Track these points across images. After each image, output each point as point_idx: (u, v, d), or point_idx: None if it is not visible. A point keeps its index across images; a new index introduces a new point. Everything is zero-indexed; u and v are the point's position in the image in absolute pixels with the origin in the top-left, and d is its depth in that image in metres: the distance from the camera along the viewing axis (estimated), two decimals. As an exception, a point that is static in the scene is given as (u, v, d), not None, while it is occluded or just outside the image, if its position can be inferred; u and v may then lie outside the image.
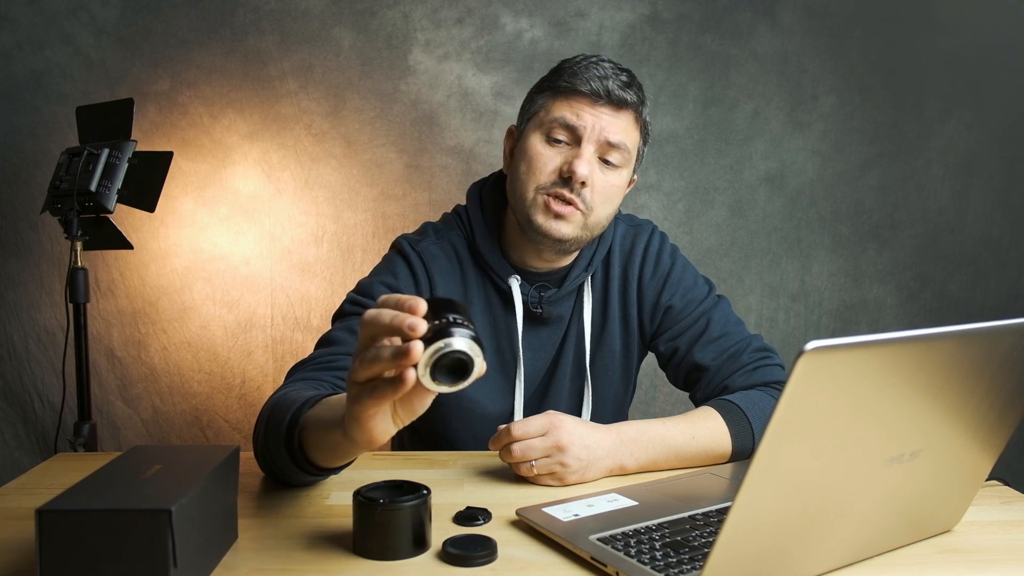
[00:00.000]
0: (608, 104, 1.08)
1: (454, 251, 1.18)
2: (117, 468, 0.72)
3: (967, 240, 2.12)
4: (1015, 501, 0.93)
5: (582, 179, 1.06)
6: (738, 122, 2.06)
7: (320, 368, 1.01)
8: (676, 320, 1.19)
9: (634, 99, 1.09)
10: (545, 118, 1.10)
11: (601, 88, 1.07)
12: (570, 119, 1.08)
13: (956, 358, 0.64)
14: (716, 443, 1.02)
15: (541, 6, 2.00)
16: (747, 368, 1.13)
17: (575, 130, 1.08)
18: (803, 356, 0.53)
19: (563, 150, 1.09)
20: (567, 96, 1.09)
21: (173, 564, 0.61)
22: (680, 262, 1.24)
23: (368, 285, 1.13)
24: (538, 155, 1.09)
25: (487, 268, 1.16)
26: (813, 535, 0.67)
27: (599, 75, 1.08)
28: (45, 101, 1.95)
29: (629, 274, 1.21)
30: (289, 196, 2.00)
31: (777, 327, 2.11)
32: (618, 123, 1.08)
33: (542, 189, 1.09)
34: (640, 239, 1.23)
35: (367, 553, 0.75)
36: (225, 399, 2.03)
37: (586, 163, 1.06)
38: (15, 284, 1.99)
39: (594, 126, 1.07)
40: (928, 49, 2.07)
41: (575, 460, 0.93)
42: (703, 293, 1.21)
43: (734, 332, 1.18)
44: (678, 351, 1.19)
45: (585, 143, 1.07)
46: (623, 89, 1.08)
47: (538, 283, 1.18)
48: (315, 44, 1.98)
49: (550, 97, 1.11)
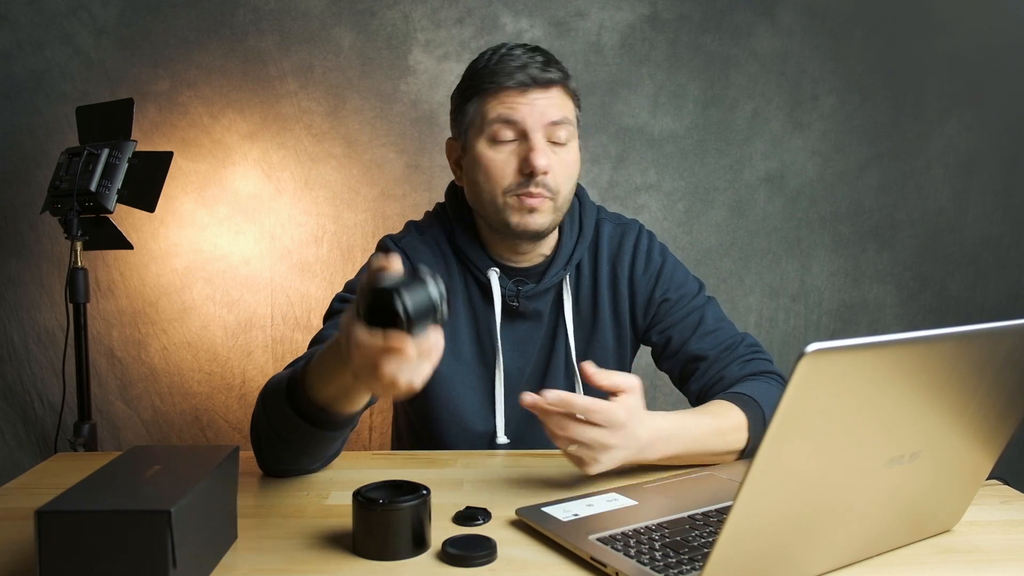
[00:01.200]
0: (536, 88, 1.09)
1: (437, 245, 1.20)
2: (117, 468, 0.72)
3: (967, 240, 2.12)
4: (1015, 501, 0.93)
5: (543, 170, 1.08)
6: (738, 122, 2.06)
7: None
8: (670, 312, 1.21)
9: (558, 74, 1.11)
10: (484, 123, 1.11)
11: (525, 76, 1.08)
12: (508, 115, 1.09)
13: (956, 359, 0.64)
14: (737, 438, 1.02)
15: (541, 6, 2.00)
16: (743, 358, 1.15)
17: (517, 124, 1.09)
18: (804, 358, 0.53)
19: (513, 148, 1.10)
20: (496, 94, 1.10)
21: (173, 564, 0.61)
22: (670, 259, 1.26)
23: (354, 283, 1.16)
24: (491, 161, 1.10)
25: (467, 261, 1.19)
26: (813, 535, 0.67)
27: (517, 65, 1.09)
28: (45, 101, 1.95)
29: (619, 271, 1.23)
30: (289, 196, 2.00)
31: (777, 327, 2.11)
32: (552, 101, 1.10)
33: (508, 192, 1.10)
34: (628, 237, 1.25)
35: (367, 553, 0.75)
36: (225, 399, 2.03)
37: (542, 154, 1.08)
38: (15, 284, 1.99)
39: (532, 113, 1.09)
40: (928, 49, 2.06)
41: (610, 459, 0.90)
42: (695, 289, 1.24)
43: (727, 328, 1.21)
44: (672, 341, 1.20)
45: (531, 133, 1.09)
46: (544, 69, 1.09)
47: (516, 277, 1.19)
48: (315, 44, 1.97)
49: (479, 101, 1.12)
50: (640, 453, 0.94)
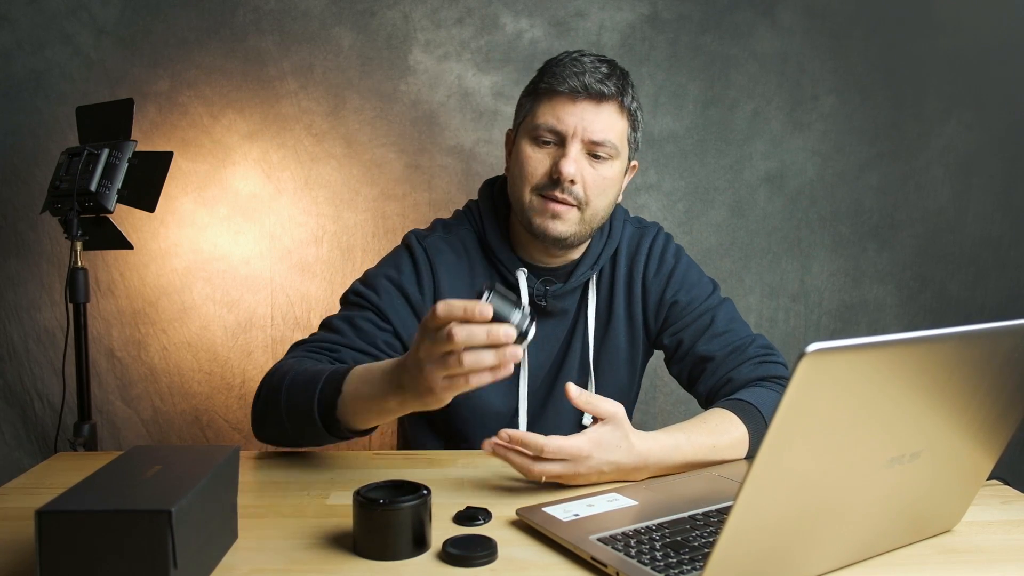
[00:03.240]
0: (588, 99, 1.10)
1: (462, 245, 1.21)
2: (117, 468, 0.72)
3: (967, 240, 2.12)
4: (1015, 501, 0.93)
5: (569, 178, 1.09)
6: (738, 122, 2.06)
7: (321, 351, 1.08)
8: (681, 315, 1.21)
9: (613, 90, 1.11)
10: (531, 123, 1.14)
11: (579, 84, 1.09)
12: (552, 123, 1.11)
13: (957, 359, 0.64)
14: (734, 450, 1.02)
15: (541, 6, 2.00)
16: (753, 361, 1.15)
17: (559, 133, 1.11)
18: (804, 358, 0.53)
19: (551, 151, 1.12)
20: (549, 98, 1.12)
21: (173, 565, 0.61)
22: (684, 260, 1.26)
23: (374, 277, 1.18)
24: (528, 158, 1.13)
25: (496, 261, 1.20)
26: (814, 535, 0.67)
27: (577, 71, 1.10)
28: (45, 101, 1.95)
29: (634, 272, 1.24)
30: (289, 196, 2.00)
31: (777, 327, 2.11)
32: (601, 116, 1.11)
33: (536, 191, 1.12)
34: (645, 239, 1.26)
35: (367, 553, 0.75)
36: (225, 399, 2.03)
37: (571, 162, 1.09)
38: (15, 284, 1.99)
39: (576, 126, 1.10)
40: (928, 49, 2.06)
41: (586, 481, 0.93)
42: (707, 291, 1.24)
43: (739, 329, 1.20)
44: (682, 343, 1.20)
45: (570, 143, 1.10)
46: (602, 82, 1.10)
47: (544, 277, 1.20)
48: (315, 44, 1.97)
49: (534, 101, 1.15)
50: (624, 476, 0.94)
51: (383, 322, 1.12)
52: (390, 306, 1.13)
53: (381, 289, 1.15)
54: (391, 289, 1.15)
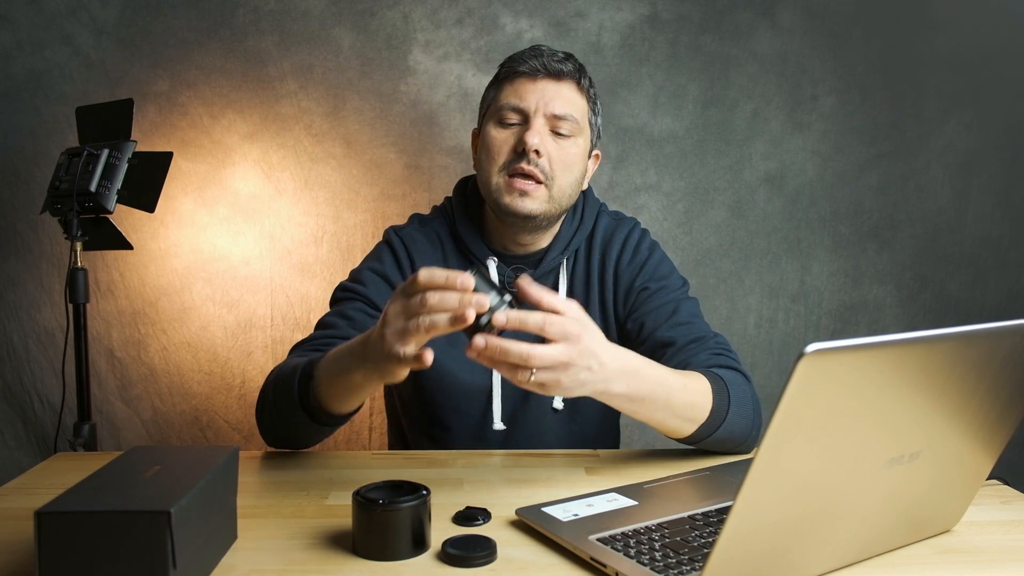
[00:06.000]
0: (547, 77, 1.17)
1: (437, 237, 1.27)
2: (117, 469, 0.72)
3: (967, 240, 2.12)
4: (1015, 501, 0.93)
5: (534, 148, 1.13)
6: (738, 122, 2.06)
7: (318, 348, 1.11)
8: (646, 300, 1.23)
9: (571, 69, 1.18)
10: (495, 106, 1.19)
11: (539, 64, 1.16)
12: (515, 101, 1.17)
13: (956, 359, 0.64)
14: (701, 399, 1.00)
15: (541, 6, 2.00)
16: (712, 351, 1.15)
17: (522, 110, 1.16)
18: (804, 358, 0.53)
19: (516, 130, 1.17)
20: (511, 80, 1.19)
21: (173, 565, 0.61)
22: (658, 254, 1.29)
23: (358, 272, 1.24)
24: (493, 139, 1.18)
25: (467, 251, 1.25)
26: (813, 536, 0.67)
27: (535, 55, 1.18)
28: (45, 101, 1.95)
29: (607, 260, 1.26)
30: (289, 196, 2.00)
31: (777, 327, 2.11)
32: (561, 93, 1.17)
33: (503, 170, 1.16)
34: (621, 230, 1.29)
35: (367, 553, 0.75)
36: (225, 399, 2.03)
37: (535, 133, 1.14)
38: (15, 284, 1.99)
39: (538, 102, 1.16)
40: (928, 49, 2.06)
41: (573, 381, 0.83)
42: (676, 284, 1.26)
43: (701, 324, 1.22)
44: (644, 327, 1.21)
45: (533, 118, 1.15)
46: (560, 63, 1.18)
47: (515, 265, 1.25)
48: (315, 44, 1.98)
49: (496, 88, 1.21)
50: (606, 383, 0.87)
51: (373, 309, 1.18)
52: (377, 294, 1.19)
53: (367, 280, 1.21)
54: (376, 279, 1.21)
